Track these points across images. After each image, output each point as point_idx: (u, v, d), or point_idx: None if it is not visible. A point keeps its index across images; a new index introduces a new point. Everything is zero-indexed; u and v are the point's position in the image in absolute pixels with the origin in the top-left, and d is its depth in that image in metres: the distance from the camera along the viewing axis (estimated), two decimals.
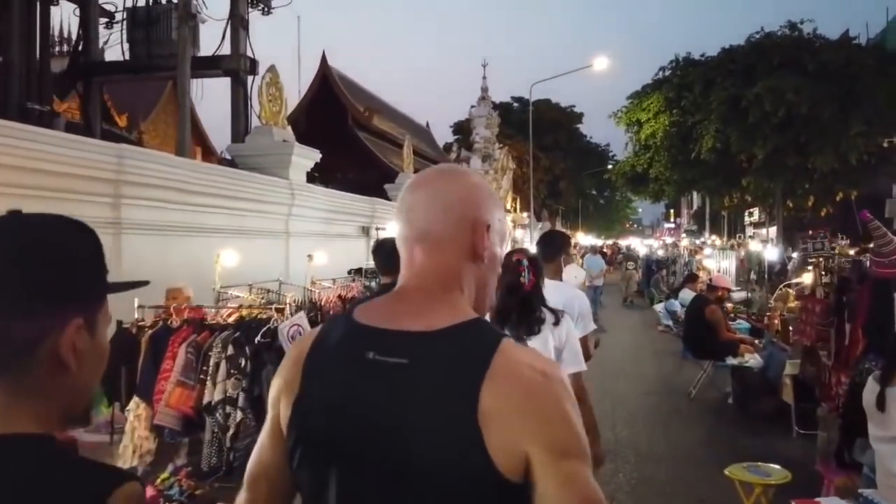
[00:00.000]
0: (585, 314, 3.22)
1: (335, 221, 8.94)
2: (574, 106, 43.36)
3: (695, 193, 32.46)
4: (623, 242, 38.27)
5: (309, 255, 5.42)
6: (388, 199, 10.64)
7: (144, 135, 16.84)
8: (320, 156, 8.49)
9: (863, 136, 17.30)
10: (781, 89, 17.48)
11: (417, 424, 0.92)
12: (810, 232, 6.22)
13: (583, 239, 35.34)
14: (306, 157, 8.18)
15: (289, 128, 8.36)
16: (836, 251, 5.01)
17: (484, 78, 20.09)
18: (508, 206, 22.47)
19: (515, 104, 39.26)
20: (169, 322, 3.39)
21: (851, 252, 5.04)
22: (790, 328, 6.10)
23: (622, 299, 19.24)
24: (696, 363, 7.78)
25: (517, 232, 20.68)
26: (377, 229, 9.18)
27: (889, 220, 7.52)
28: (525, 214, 24.60)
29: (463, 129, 29.42)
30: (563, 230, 7.10)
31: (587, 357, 3.12)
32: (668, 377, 8.65)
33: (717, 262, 16.29)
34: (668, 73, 22.13)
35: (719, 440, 5.77)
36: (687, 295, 9.69)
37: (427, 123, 32.86)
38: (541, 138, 34.86)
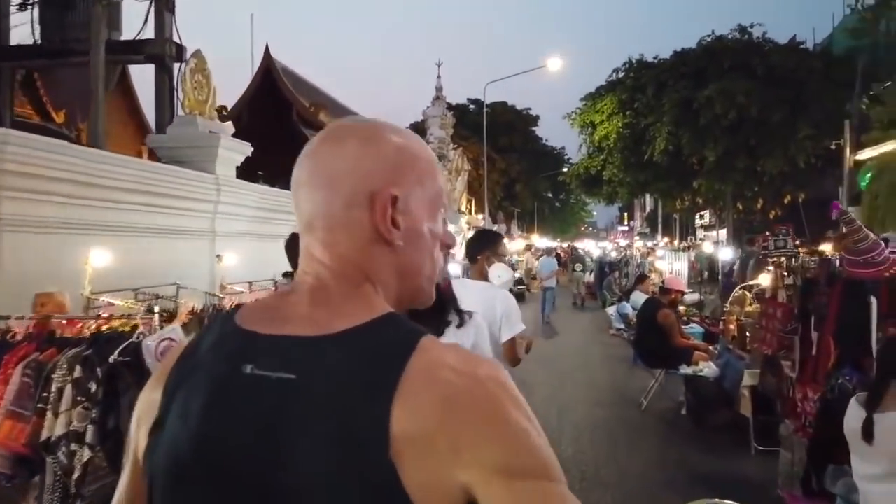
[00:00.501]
0: (511, 314, 2.90)
1: (272, 220, 8.34)
2: (530, 108, 43.39)
3: (648, 196, 32.77)
4: (578, 245, 38.39)
5: (218, 256, 4.78)
6: None
7: (84, 132, 15.84)
8: (251, 149, 7.90)
9: (810, 139, 17.55)
10: (732, 92, 17.64)
11: (308, 462, 0.69)
12: (767, 233, 5.87)
13: (538, 241, 35.41)
14: (235, 151, 7.58)
15: (228, 123, 7.74)
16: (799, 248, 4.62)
17: (438, 77, 19.84)
18: (463, 208, 22.11)
19: (471, 106, 39.07)
20: (9, 336, 2.74)
21: (802, 252, 4.70)
22: (748, 334, 5.73)
23: (572, 302, 19.20)
24: (648, 370, 7.40)
25: (471, 233, 20.34)
26: None
27: (836, 222, 7.31)
28: (480, 216, 24.34)
29: (418, 130, 28.88)
30: (493, 229, 6.75)
31: (515, 361, 2.90)
32: (618, 385, 8.26)
33: (670, 263, 16.23)
34: (621, 74, 22.22)
35: (673, 459, 5.34)
36: (638, 297, 9.36)
37: None
38: (496, 140, 34.70)
